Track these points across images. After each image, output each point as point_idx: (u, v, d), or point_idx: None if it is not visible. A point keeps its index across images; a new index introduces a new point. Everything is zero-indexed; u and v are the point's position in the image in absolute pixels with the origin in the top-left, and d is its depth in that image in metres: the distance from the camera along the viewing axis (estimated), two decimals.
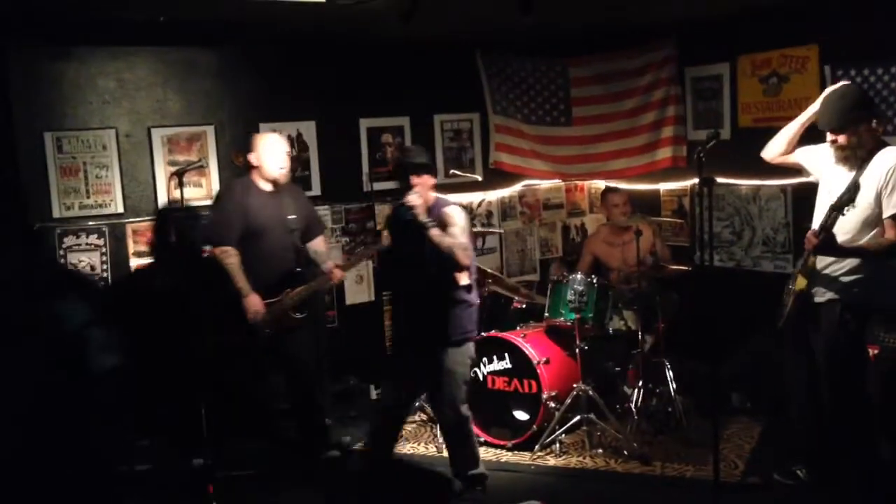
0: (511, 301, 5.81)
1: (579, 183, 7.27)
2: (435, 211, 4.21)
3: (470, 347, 4.35)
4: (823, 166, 4.13)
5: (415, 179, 4.18)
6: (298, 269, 4.74)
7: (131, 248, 5.44)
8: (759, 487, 4.38)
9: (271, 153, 4.69)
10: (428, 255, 4.12)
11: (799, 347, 4.19)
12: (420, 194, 4.15)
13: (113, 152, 5.36)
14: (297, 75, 5.91)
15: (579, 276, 5.32)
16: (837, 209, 3.80)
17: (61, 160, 5.24)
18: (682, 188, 6.51)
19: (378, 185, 6.25)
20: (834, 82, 5.23)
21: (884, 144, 3.97)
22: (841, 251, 3.92)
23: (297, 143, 5.95)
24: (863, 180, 3.87)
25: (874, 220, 3.90)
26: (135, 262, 5.45)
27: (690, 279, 5.40)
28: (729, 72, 6.01)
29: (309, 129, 6.00)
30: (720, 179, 5.69)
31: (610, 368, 5.53)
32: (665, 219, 6.49)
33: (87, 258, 5.32)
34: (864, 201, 3.85)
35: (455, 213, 4.22)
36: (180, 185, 4.92)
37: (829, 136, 4.00)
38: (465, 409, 4.33)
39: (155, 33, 5.12)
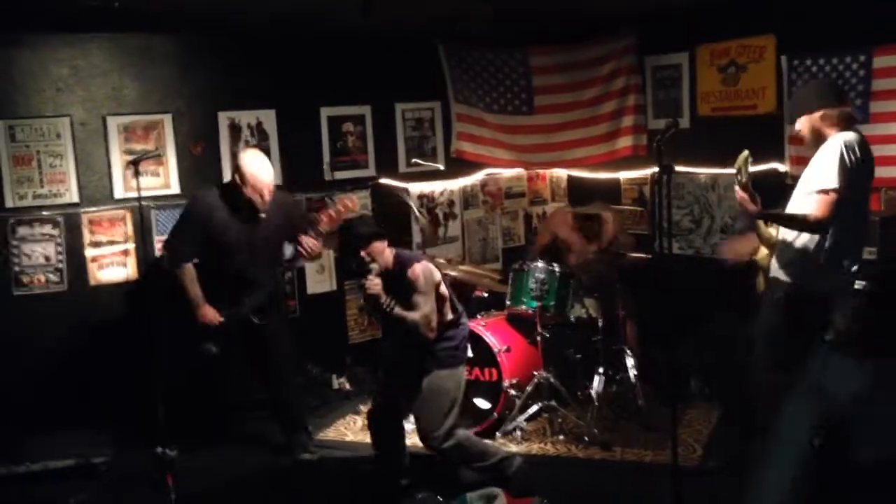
0: (472, 289, 5.83)
1: (541, 172, 7.29)
2: (397, 269, 4.18)
3: (460, 371, 4.36)
4: None
5: (364, 251, 4.14)
6: (256, 278, 4.65)
7: (87, 238, 5.35)
8: (716, 471, 4.45)
9: (258, 183, 4.51)
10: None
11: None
12: (375, 269, 4.14)
13: (67, 141, 5.26)
14: (256, 63, 5.84)
15: (540, 264, 5.34)
16: None
17: (14, 149, 5.13)
18: (643, 177, 6.57)
19: (339, 174, 6.21)
20: (790, 71, 5.33)
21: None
22: (767, 215, 3.98)
23: (256, 132, 5.89)
24: (814, 160, 3.96)
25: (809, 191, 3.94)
26: (91, 253, 5.36)
27: (650, 267, 5.45)
28: (688, 61, 6.07)
29: (269, 118, 5.93)
30: (679, 168, 5.79)
31: (571, 356, 5.57)
32: (625, 207, 6.54)
33: (42, 248, 5.23)
34: (803, 186, 3.95)
35: (419, 278, 4.12)
36: (137, 174, 4.84)
37: (796, 126, 4.08)
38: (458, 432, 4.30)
39: (110, 19, 5.02)
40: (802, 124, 4.02)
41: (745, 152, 3.90)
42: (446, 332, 4.26)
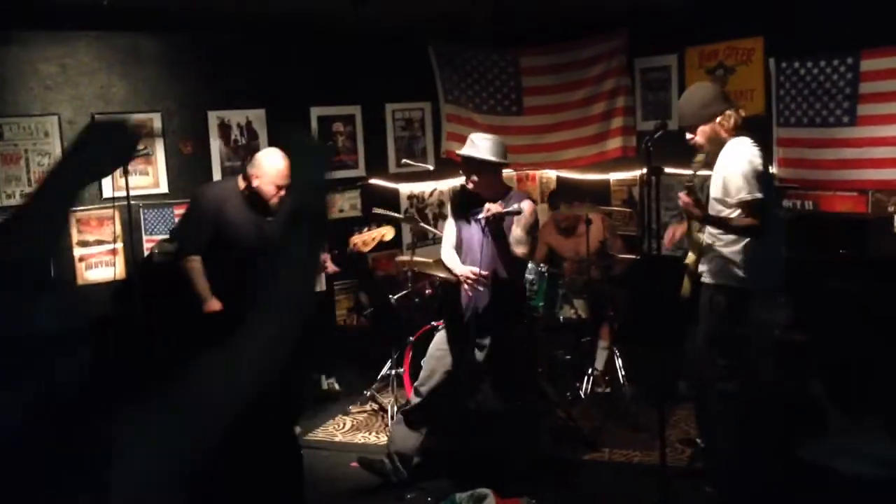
0: None
1: (531, 172, 7.31)
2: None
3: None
4: None
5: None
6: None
7: (75, 237, 5.33)
8: (704, 472, 4.46)
9: (273, 183, 4.31)
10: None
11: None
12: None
13: (55, 139, 5.24)
14: (246, 62, 5.83)
15: (530, 265, 5.34)
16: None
17: (2, 147, 5.10)
18: (632, 178, 6.59)
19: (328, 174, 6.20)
20: (778, 74, 5.36)
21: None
22: (709, 219, 3.95)
23: (246, 131, 5.88)
24: (714, 170, 3.97)
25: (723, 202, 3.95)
26: (78, 252, 5.34)
27: (639, 268, 5.47)
28: (677, 63, 6.09)
29: (259, 117, 5.93)
30: (668, 169, 5.78)
31: (560, 356, 5.58)
32: (614, 208, 6.55)
33: None
34: (714, 193, 3.96)
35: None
36: (125, 172, 4.81)
37: (688, 136, 4.03)
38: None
39: (98, 18, 5.01)
40: (699, 133, 3.98)
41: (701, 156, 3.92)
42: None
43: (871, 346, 4.45)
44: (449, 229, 4.51)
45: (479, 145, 4.22)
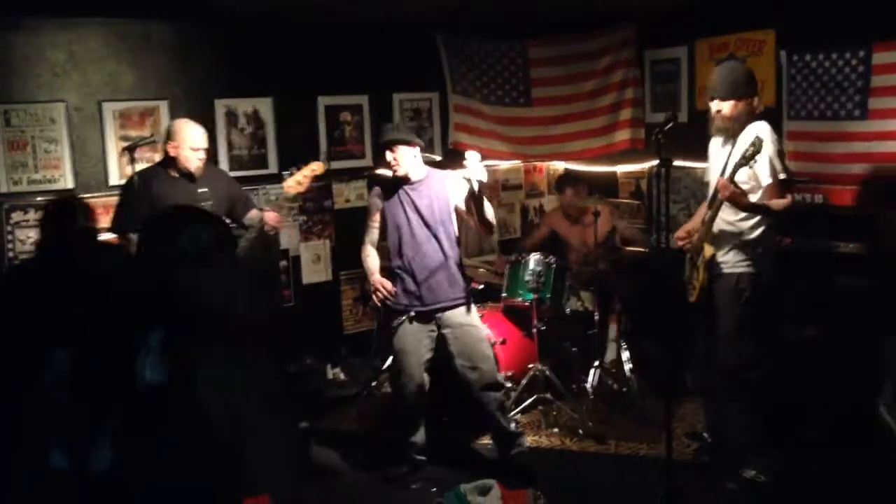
0: (469, 281, 5.81)
1: (538, 164, 7.28)
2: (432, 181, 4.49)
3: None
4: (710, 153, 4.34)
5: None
6: None
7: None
8: (710, 466, 4.45)
9: (191, 147, 4.50)
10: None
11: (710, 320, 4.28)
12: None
13: (62, 126, 5.23)
14: (253, 51, 5.81)
15: (537, 256, 5.33)
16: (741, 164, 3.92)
17: (9, 133, 5.09)
18: (640, 170, 6.55)
19: (336, 164, 6.19)
20: (790, 67, 5.32)
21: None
22: (750, 206, 4.03)
23: (252, 120, 5.86)
24: (735, 151, 4.06)
25: (751, 189, 4.07)
26: None
27: (647, 261, 5.44)
28: (687, 55, 6.05)
29: (265, 106, 5.91)
30: (677, 162, 5.76)
31: (567, 349, 5.57)
32: (622, 200, 6.53)
33: (36, 234, 5.19)
34: (741, 178, 4.02)
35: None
36: (132, 160, 4.80)
37: (715, 105, 4.17)
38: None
39: (106, 5, 4.99)
40: (728, 107, 4.12)
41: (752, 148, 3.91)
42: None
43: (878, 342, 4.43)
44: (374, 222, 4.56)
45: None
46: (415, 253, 4.35)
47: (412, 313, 4.37)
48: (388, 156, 4.38)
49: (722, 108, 4.13)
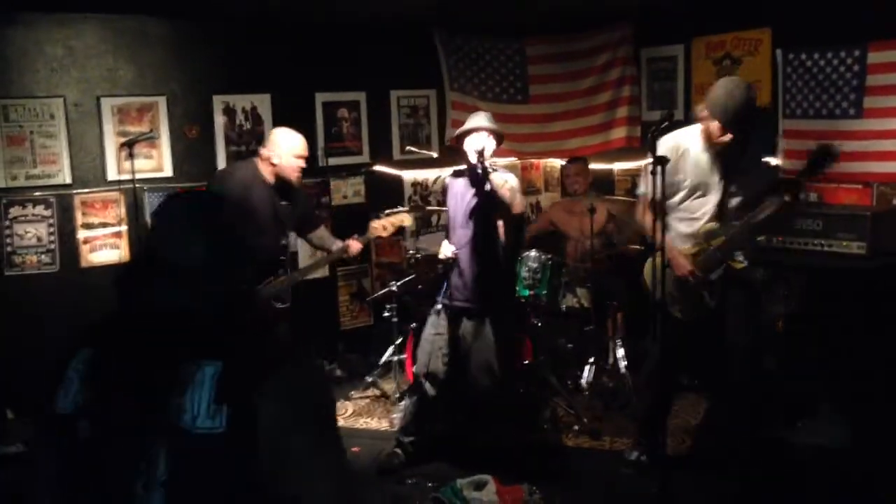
0: None
1: (535, 161, 7.29)
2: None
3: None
4: (685, 160, 4.05)
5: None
6: (282, 258, 4.56)
7: (79, 219, 5.34)
8: (704, 461, 4.48)
9: (294, 158, 4.37)
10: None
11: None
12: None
13: (61, 121, 5.24)
14: (252, 47, 5.82)
15: (534, 252, 5.35)
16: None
17: (7, 129, 5.11)
18: (636, 168, 6.57)
19: (333, 160, 6.21)
20: (786, 65, 5.34)
21: None
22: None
23: (251, 116, 5.88)
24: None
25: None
26: (83, 234, 5.35)
27: (642, 258, 5.46)
28: (684, 53, 6.07)
29: (263, 102, 5.92)
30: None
31: (562, 345, 5.59)
32: (618, 198, 6.54)
33: (34, 229, 5.22)
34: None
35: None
36: (130, 156, 4.83)
37: (725, 134, 3.84)
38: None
39: (105, 0, 5.00)
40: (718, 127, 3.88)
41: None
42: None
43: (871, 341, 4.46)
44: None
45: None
46: None
47: None
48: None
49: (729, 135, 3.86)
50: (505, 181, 4.23)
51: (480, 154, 4.12)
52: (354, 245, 4.65)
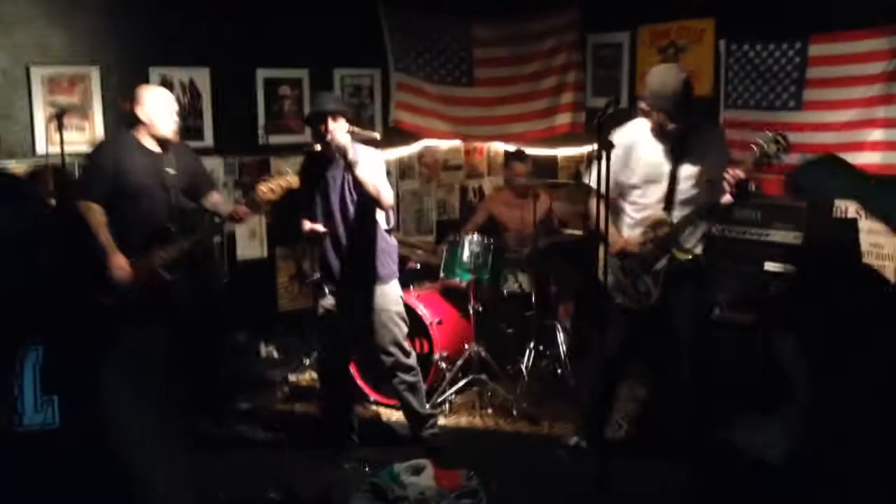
0: (405, 261, 5.78)
1: (479, 145, 7.26)
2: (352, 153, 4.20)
3: (397, 285, 4.46)
4: (634, 153, 4.10)
5: (331, 124, 4.17)
6: (170, 229, 4.43)
7: None
8: (640, 446, 4.52)
9: (161, 110, 4.40)
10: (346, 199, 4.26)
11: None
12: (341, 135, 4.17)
13: None
14: (190, 19, 5.63)
15: (475, 236, 5.33)
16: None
17: None
18: (580, 154, 6.59)
19: (274, 139, 6.07)
20: (728, 56, 5.39)
21: None
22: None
23: (188, 91, 5.70)
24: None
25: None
26: None
27: (584, 244, 5.48)
28: (629, 41, 6.09)
29: (202, 76, 5.75)
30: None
31: (503, 329, 5.59)
32: (560, 181, 6.55)
33: None
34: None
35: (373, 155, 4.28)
36: (60, 128, 4.63)
37: (669, 123, 3.93)
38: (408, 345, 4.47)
39: None
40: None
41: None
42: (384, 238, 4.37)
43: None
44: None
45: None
46: None
47: None
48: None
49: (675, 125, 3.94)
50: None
51: (326, 134, 4.15)
52: (241, 209, 4.52)
